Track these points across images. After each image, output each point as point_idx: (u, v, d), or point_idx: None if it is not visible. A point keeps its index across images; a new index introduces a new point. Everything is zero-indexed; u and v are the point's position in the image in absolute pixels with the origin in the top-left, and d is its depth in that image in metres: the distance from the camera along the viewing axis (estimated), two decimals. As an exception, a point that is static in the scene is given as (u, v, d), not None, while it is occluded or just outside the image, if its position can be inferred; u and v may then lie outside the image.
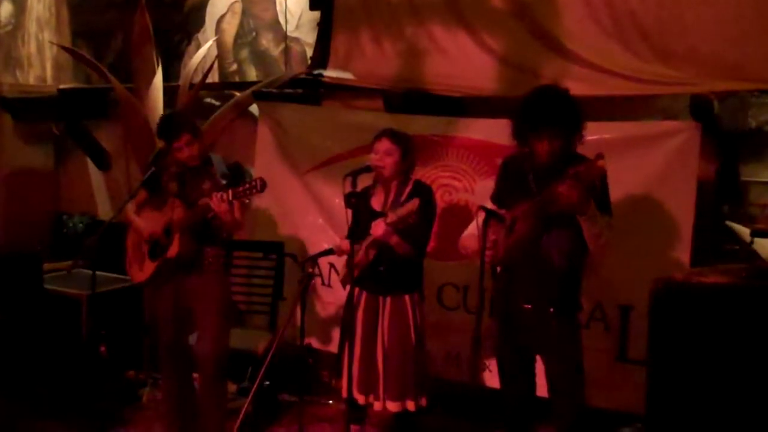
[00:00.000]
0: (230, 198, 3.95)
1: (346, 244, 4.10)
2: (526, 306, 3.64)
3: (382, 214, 4.05)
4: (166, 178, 4.28)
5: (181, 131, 4.16)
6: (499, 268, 3.76)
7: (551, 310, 3.58)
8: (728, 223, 4.36)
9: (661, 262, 4.13)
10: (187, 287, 4.25)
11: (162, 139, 4.26)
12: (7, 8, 7.92)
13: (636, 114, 4.60)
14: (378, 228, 3.97)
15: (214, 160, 4.25)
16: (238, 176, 4.18)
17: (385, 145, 4.08)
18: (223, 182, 4.08)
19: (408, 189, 4.13)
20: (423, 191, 4.11)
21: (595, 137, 4.00)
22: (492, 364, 4.56)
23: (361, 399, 4.17)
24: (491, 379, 4.57)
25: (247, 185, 3.92)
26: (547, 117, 3.43)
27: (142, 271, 4.30)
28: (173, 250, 4.14)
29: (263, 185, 3.90)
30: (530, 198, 3.50)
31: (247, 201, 4.04)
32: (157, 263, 4.23)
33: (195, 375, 4.42)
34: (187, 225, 4.12)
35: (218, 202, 3.96)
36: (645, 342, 3.46)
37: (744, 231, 4.22)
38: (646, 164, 4.24)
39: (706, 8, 4.31)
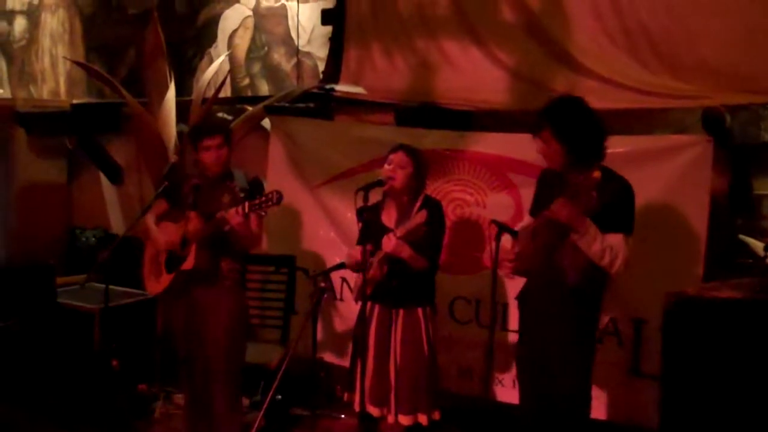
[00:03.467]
0: (246, 211, 3.95)
1: (356, 253, 4.11)
2: (540, 319, 3.63)
3: (392, 230, 4.06)
4: (186, 189, 4.29)
5: (218, 131, 4.21)
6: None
7: (564, 326, 3.57)
8: (741, 236, 4.34)
9: (674, 276, 4.11)
10: (201, 300, 4.24)
11: (196, 136, 4.25)
12: (21, 23, 8.00)
13: (647, 127, 4.60)
14: (389, 242, 3.98)
15: (235, 175, 4.26)
16: (256, 190, 4.18)
17: (399, 157, 4.08)
18: (242, 195, 4.09)
19: (418, 204, 4.13)
20: (432, 205, 4.11)
21: (607, 151, 4.01)
22: (504, 379, 4.57)
23: (375, 411, 4.16)
24: (504, 393, 4.57)
25: (263, 198, 3.91)
26: (543, 117, 3.46)
27: (159, 283, 4.30)
28: (189, 263, 4.14)
29: (279, 198, 3.89)
30: None
31: (263, 214, 4.03)
32: (173, 275, 4.24)
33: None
34: (202, 237, 4.12)
35: (233, 215, 3.97)
36: (658, 356, 3.45)
37: (757, 245, 4.20)
38: (659, 178, 4.23)
39: (716, 21, 4.31)
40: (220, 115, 6.36)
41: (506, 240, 3.73)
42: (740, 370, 3.09)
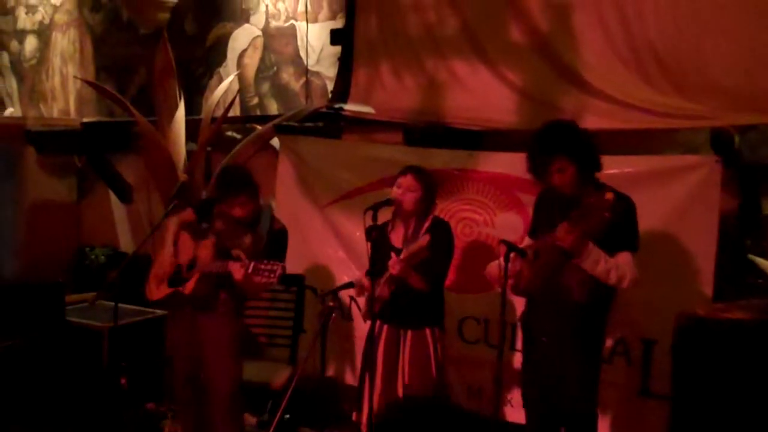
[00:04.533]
0: (249, 271, 3.90)
1: (366, 281, 4.12)
2: (543, 339, 3.63)
3: (400, 250, 4.07)
4: (216, 212, 4.28)
5: (240, 193, 4.16)
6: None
7: (569, 345, 3.56)
8: (751, 256, 4.33)
9: (683, 296, 4.10)
10: (200, 323, 4.26)
11: (218, 193, 4.24)
12: (32, 43, 8.07)
13: (656, 147, 4.60)
14: (395, 265, 3.98)
15: (262, 216, 4.26)
16: (273, 248, 4.16)
17: (408, 180, 4.09)
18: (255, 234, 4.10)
19: (426, 225, 4.13)
20: (440, 227, 4.12)
21: (615, 171, 4.02)
22: (514, 399, 4.55)
23: (382, 432, 4.16)
24: (513, 413, 4.55)
25: (270, 266, 3.84)
26: (551, 148, 3.47)
27: (158, 291, 4.33)
28: (188, 287, 4.17)
29: (281, 274, 3.86)
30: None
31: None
32: (171, 291, 4.25)
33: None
34: (208, 269, 4.14)
35: (238, 269, 3.94)
36: (668, 377, 3.44)
37: (767, 265, 4.19)
38: (668, 198, 4.23)
39: (725, 41, 4.31)
40: (229, 134, 6.39)
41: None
42: (750, 391, 3.08)
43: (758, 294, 4.06)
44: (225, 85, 6.28)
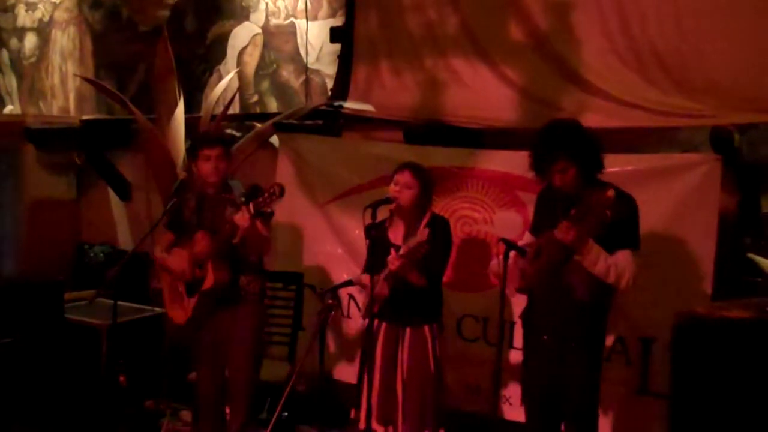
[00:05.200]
0: (252, 211, 3.94)
1: (366, 278, 4.11)
2: (543, 337, 3.63)
3: (399, 247, 4.06)
4: (188, 213, 4.30)
5: (218, 142, 4.24)
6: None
7: (571, 343, 3.56)
8: (750, 255, 4.33)
9: (682, 295, 4.10)
10: (226, 318, 4.26)
11: (197, 146, 4.28)
12: (32, 40, 8.06)
13: (656, 146, 4.60)
14: (394, 261, 3.97)
15: (232, 186, 4.28)
16: (255, 192, 4.16)
17: (405, 177, 4.09)
18: (242, 200, 4.09)
19: (425, 221, 4.12)
20: (438, 224, 4.11)
21: (615, 169, 4.01)
22: (512, 397, 4.55)
23: (380, 430, 4.15)
24: (511, 411, 4.55)
25: (266, 194, 3.91)
26: (553, 149, 3.47)
27: (184, 308, 4.29)
28: (209, 281, 4.15)
29: (282, 189, 3.90)
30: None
31: (269, 211, 4.02)
32: (195, 298, 4.23)
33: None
34: (216, 252, 4.13)
35: (241, 217, 3.96)
36: (667, 375, 3.44)
37: (766, 263, 4.19)
38: (667, 196, 4.23)
39: (725, 40, 4.31)
40: (228, 131, 6.38)
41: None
42: (749, 389, 3.08)
43: (757, 292, 4.06)
44: (224, 83, 6.28)
